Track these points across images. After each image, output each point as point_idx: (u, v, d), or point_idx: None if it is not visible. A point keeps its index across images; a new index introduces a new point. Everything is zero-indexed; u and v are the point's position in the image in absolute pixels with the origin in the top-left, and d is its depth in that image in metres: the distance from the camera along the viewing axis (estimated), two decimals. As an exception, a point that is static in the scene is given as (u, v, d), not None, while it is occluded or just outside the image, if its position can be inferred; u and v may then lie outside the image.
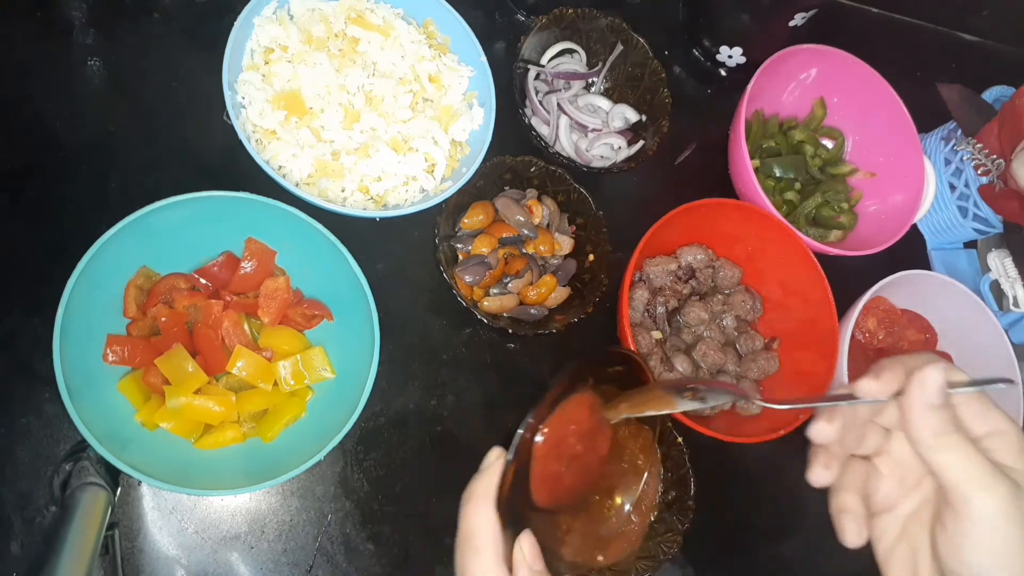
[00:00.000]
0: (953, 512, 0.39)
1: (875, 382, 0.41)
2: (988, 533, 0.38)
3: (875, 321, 0.86)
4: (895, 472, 0.44)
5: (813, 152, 0.92)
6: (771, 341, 0.83)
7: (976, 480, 0.38)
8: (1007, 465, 0.39)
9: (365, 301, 0.63)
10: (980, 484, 0.38)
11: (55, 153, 0.69)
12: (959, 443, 0.39)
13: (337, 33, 0.73)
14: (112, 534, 0.60)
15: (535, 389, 0.77)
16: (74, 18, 0.73)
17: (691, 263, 0.83)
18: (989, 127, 0.86)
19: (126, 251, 0.60)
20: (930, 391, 0.39)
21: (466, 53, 0.78)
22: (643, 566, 0.68)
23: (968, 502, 0.38)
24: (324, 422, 0.63)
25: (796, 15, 0.86)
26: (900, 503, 0.44)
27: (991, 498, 0.38)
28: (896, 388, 0.41)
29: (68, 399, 0.54)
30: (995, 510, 0.38)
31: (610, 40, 0.86)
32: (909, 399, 0.40)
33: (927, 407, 0.39)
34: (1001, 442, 0.40)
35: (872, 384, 0.41)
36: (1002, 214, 0.87)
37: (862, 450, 0.45)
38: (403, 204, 0.72)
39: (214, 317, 0.65)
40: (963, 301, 0.85)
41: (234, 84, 0.68)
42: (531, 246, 0.78)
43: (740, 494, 0.81)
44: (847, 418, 0.43)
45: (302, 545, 0.66)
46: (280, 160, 0.68)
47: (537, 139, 0.79)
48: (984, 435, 0.41)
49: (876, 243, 0.83)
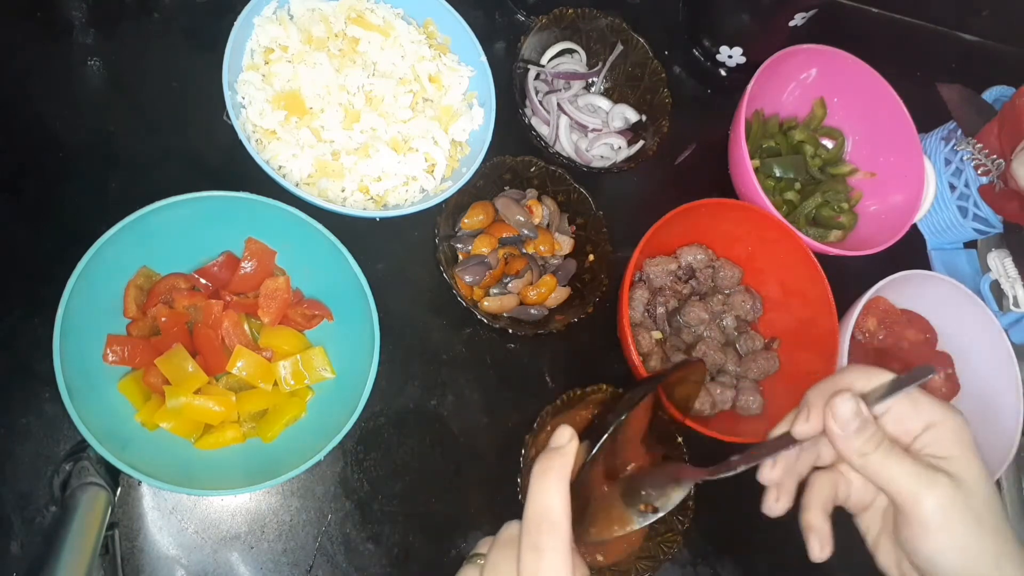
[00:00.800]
0: (903, 516, 0.42)
1: (806, 423, 0.44)
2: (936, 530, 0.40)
3: (875, 321, 0.86)
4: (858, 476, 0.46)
5: (813, 152, 0.92)
6: (771, 341, 0.83)
7: (910, 486, 0.41)
8: (946, 456, 0.42)
9: (365, 301, 0.63)
10: (915, 488, 0.40)
11: (55, 153, 0.69)
12: (885, 457, 0.41)
13: (337, 33, 0.73)
14: (112, 534, 0.60)
15: (535, 389, 0.77)
16: (74, 18, 0.73)
17: (691, 263, 0.83)
18: (989, 127, 0.86)
19: (126, 251, 0.60)
20: (842, 421, 0.42)
21: (466, 53, 0.78)
22: (643, 566, 0.68)
23: (912, 506, 0.41)
24: (324, 422, 0.63)
25: (796, 15, 0.86)
26: (874, 500, 0.47)
27: (931, 497, 0.40)
28: None
29: (68, 399, 0.54)
30: (937, 507, 0.40)
31: (610, 40, 0.86)
32: (828, 433, 0.43)
33: (845, 436, 0.42)
34: (937, 434, 0.42)
35: (804, 426, 0.44)
36: (1002, 214, 0.87)
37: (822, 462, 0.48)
38: (403, 204, 0.72)
39: (214, 317, 0.65)
40: (963, 301, 0.85)
41: (234, 84, 0.68)
42: (531, 246, 0.78)
43: (740, 494, 0.80)
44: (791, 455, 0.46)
45: (302, 545, 0.66)
46: (280, 160, 0.68)
47: (537, 139, 0.79)
48: (921, 431, 0.43)
49: (876, 243, 0.83)
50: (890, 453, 0.42)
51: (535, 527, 0.39)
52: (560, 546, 0.38)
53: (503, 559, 0.41)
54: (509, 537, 0.42)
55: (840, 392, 0.43)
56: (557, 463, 0.40)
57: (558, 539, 0.38)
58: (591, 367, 0.79)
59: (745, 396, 0.78)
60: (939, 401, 0.44)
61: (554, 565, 0.38)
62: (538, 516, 0.39)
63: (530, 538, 0.39)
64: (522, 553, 0.39)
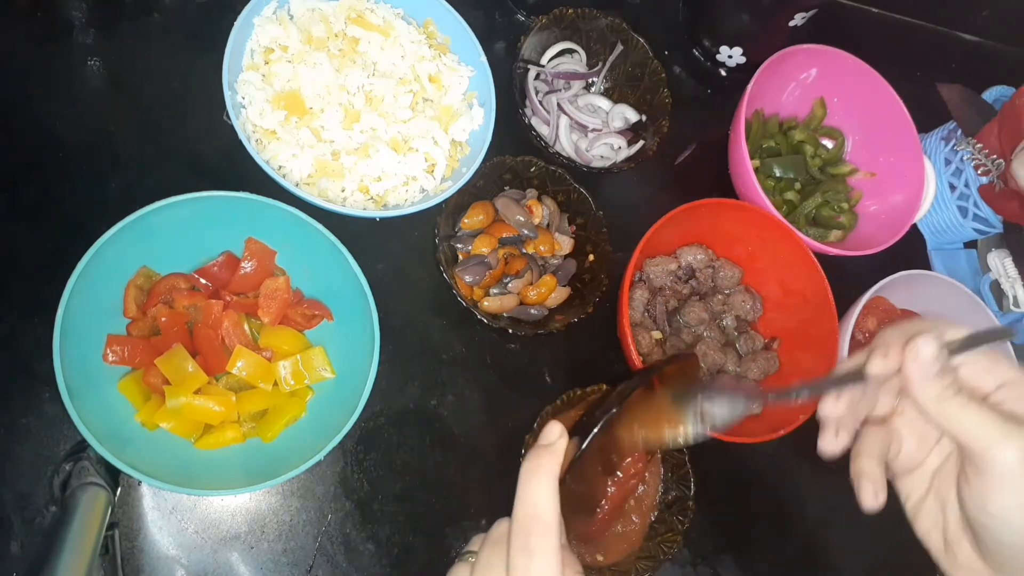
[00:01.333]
0: (975, 467, 0.39)
1: (883, 360, 0.42)
2: (1011, 483, 0.38)
3: (875, 321, 0.86)
4: (914, 431, 0.45)
5: (813, 152, 0.92)
6: (771, 341, 0.83)
7: (990, 435, 0.38)
8: (1021, 414, 0.40)
9: (365, 301, 0.63)
10: (995, 438, 0.38)
11: (55, 153, 0.69)
12: (964, 405, 0.39)
13: (337, 33, 0.73)
14: (112, 534, 0.60)
15: (535, 389, 0.77)
16: (74, 18, 0.73)
17: (691, 263, 0.83)
18: (989, 127, 0.86)
19: (126, 251, 0.60)
20: (923, 362, 0.40)
21: (466, 53, 0.78)
22: (643, 566, 0.68)
23: (987, 457, 0.38)
24: (324, 422, 0.63)
25: (796, 15, 0.86)
26: (924, 460, 0.45)
27: (1010, 449, 0.38)
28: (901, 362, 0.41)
29: (68, 399, 0.54)
30: (1017, 459, 0.38)
31: (610, 40, 0.86)
32: (906, 372, 0.40)
33: (924, 378, 0.40)
34: (1012, 392, 0.41)
35: (881, 363, 0.42)
36: (1002, 214, 0.87)
37: (877, 412, 0.45)
38: (403, 204, 0.72)
39: (214, 317, 0.65)
40: (963, 301, 0.85)
41: (234, 84, 0.68)
42: (531, 246, 0.78)
43: (740, 494, 0.81)
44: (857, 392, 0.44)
45: (302, 545, 0.66)
46: (280, 160, 0.68)
47: (537, 139, 0.79)
48: (995, 388, 0.41)
49: (876, 243, 0.83)
50: (969, 401, 0.40)
51: (524, 528, 0.38)
52: (550, 547, 0.38)
53: (494, 558, 0.41)
54: (500, 535, 0.41)
55: (924, 333, 0.41)
56: (546, 461, 0.39)
57: (547, 540, 0.38)
58: (591, 367, 0.79)
59: (745, 396, 0.78)
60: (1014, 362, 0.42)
61: (544, 566, 0.37)
62: (527, 517, 0.38)
63: (519, 539, 0.38)
64: (511, 554, 0.38)
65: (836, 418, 0.44)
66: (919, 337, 0.40)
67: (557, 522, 0.38)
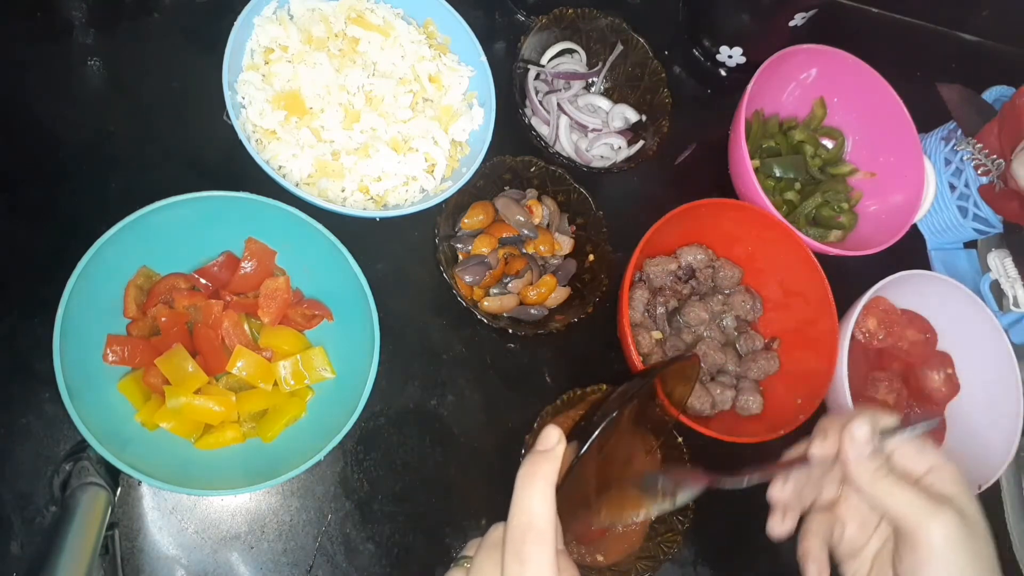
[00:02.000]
0: (908, 544, 0.43)
1: (822, 444, 0.47)
2: (941, 558, 0.42)
3: (875, 321, 0.86)
4: (855, 517, 0.49)
5: (813, 152, 0.92)
6: (771, 341, 0.83)
7: (919, 513, 0.42)
8: (949, 495, 0.44)
9: (365, 301, 0.63)
10: (925, 514, 0.42)
11: (55, 153, 0.69)
12: (895, 484, 0.44)
13: (337, 33, 0.73)
14: (112, 534, 0.60)
15: (535, 389, 0.77)
16: (74, 18, 0.73)
17: (691, 263, 0.83)
18: (989, 127, 0.86)
19: (126, 251, 0.60)
20: (859, 442, 0.45)
21: (466, 53, 0.78)
22: (643, 566, 0.68)
23: (919, 532, 0.42)
24: (324, 422, 0.63)
25: (796, 15, 0.86)
26: (865, 545, 0.49)
27: (938, 524, 0.42)
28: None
29: (68, 399, 0.54)
30: (943, 537, 0.42)
31: (610, 40, 0.86)
32: (843, 452, 0.45)
33: (860, 458, 0.45)
34: (940, 476, 0.45)
35: (820, 446, 0.47)
36: (1002, 214, 0.87)
37: (824, 498, 0.50)
38: (403, 204, 0.72)
39: (214, 317, 0.65)
40: (963, 301, 0.85)
41: (234, 84, 0.68)
42: (531, 246, 0.78)
43: (740, 494, 0.80)
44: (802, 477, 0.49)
45: (302, 545, 0.66)
46: (280, 160, 0.68)
47: (537, 139, 0.79)
48: (925, 472, 0.45)
49: (876, 243, 0.83)
50: (899, 481, 0.44)
51: (519, 535, 0.38)
52: (545, 555, 0.38)
53: (488, 563, 0.41)
54: (495, 540, 0.41)
55: (857, 417, 0.45)
56: (543, 468, 0.39)
57: (543, 547, 0.38)
58: (591, 367, 0.79)
59: (745, 396, 0.78)
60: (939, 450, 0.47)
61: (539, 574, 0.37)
62: (523, 524, 0.38)
63: (514, 546, 0.38)
64: (506, 561, 0.38)
65: (783, 502, 0.50)
66: (853, 421, 0.45)
67: (553, 530, 0.38)
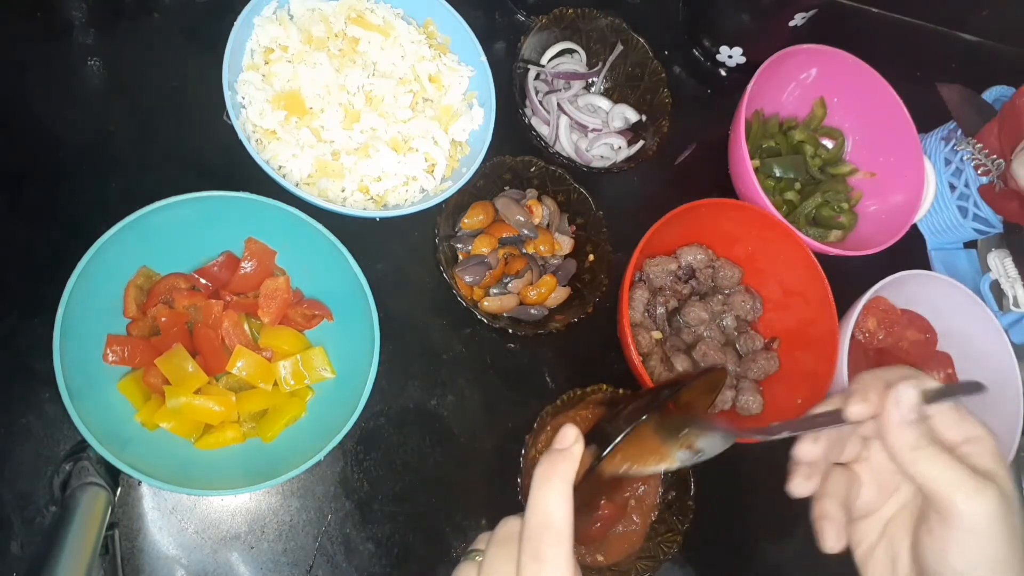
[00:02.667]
0: (941, 518, 0.40)
1: (863, 404, 0.42)
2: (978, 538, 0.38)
3: (875, 321, 0.86)
4: (874, 478, 0.45)
5: (813, 152, 0.92)
6: (771, 341, 0.83)
7: (961, 487, 0.39)
8: (986, 469, 0.40)
9: (365, 301, 0.63)
10: (966, 491, 0.39)
11: (55, 153, 0.69)
12: (938, 454, 0.40)
13: (337, 33, 0.73)
14: (112, 534, 0.60)
15: (535, 389, 0.77)
16: (74, 18, 0.73)
17: (691, 263, 0.83)
18: (989, 127, 0.86)
19: (126, 251, 0.60)
20: (904, 408, 0.40)
21: (466, 53, 0.78)
22: (643, 566, 0.68)
23: (956, 509, 0.39)
24: (324, 422, 0.63)
25: (796, 15, 0.86)
26: (880, 508, 0.46)
27: (981, 503, 0.38)
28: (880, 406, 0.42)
29: (68, 399, 0.54)
30: (985, 514, 0.38)
31: (610, 40, 0.86)
32: (886, 416, 0.41)
33: (903, 423, 0.40)
34: (977, 448, 0.41)
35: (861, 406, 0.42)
36: (1002, 214, 0.87)
37: (843, 458, 0.46)
38: (403, 204, 0.72)
39: (214, 317, 0.65)
40: (963, 301, 0.85)
41: (234, 84, 0.68)
42: (531, 246, 0.78)
43: (740, 494, 0.80)
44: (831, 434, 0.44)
45: (302, 545, 0.66)
46: (280, 160, 0.68)
47: (537, 139, 0.79)
48: (961, 442, 0.42)
49: (876, 243, 0.83)
50: (941, 451, 0.40)
51: (537, 534, 0.38)
52: (562, 555, 0.37)
53: (500, 559, 0.40)
54: (506, 535, 0.41)
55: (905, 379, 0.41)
56: (561, 467, 0.39)
57: (561, 548, 0.37)
58: (591, 367, 0.79)
59: (745, 396, 0.78)
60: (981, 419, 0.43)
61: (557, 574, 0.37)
62: (541, 524, 0.38)
63: (531, 544, 0.38)
64: (522, 560, 0.38)
65: (810, 461, 0.45)
66: (901, 384, 0.41)
67: (570, 530, 0.38)
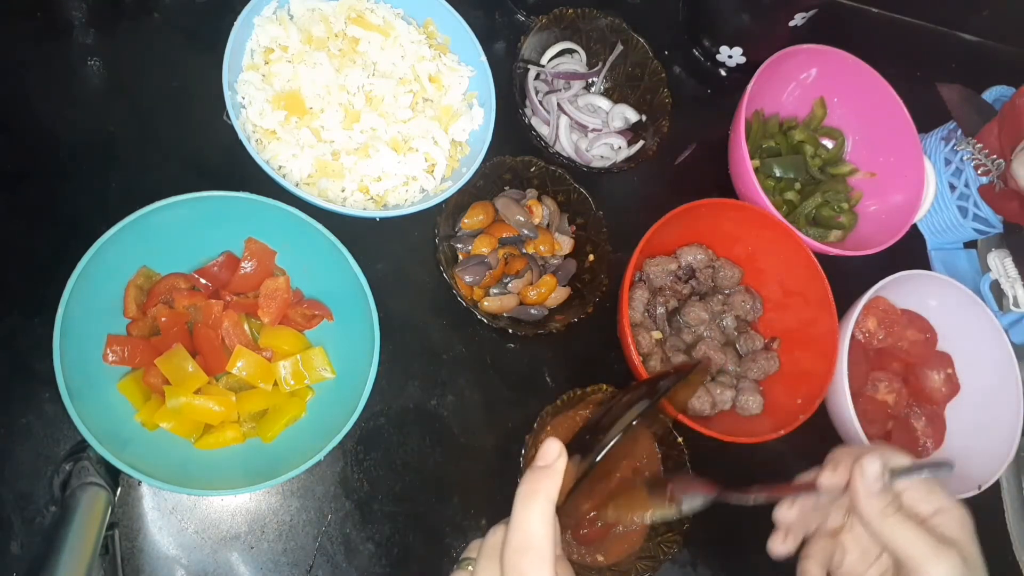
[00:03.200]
0: None
1: (832, 474, 0.48)
2: None
3: (875, 321, 0.86)
4: (858, 546, 0.50)
5: (813, 152, 0.92)
6: (771, 341, 0.83)
7: (924, 552, 0.44)
8: (953, 538, 0.45)
9: (365, 301, 0.63)
10: (930, 555, 0.44)
11: (55, 153, 0.69)
12: (902, 522, 0.45)
13: (337, 33, 0.73)
14: (112, 534, 0.60)
15: (535, 389, 0.77)
16: (74, 18, 0.73)
17: (691, 263, 0.83)
18: (989, 127, 0.86)
19: (126, 251, 0.60)
20: (869, 478, 0.46)
21: (466, 53, 0.78)
22: (643, 566, 0.68)
23: (921, 572, 0.44)
24: (324, 422, 0.63)
25: (796, 15, 0.86)
26: (864, 573, 0.50)
27: (943, 565, 0.43)
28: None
29: (68, 399, 0.54)
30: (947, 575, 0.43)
31: (610, 40, 0.86)
32: (853, 486, 0.46)
33: (869, 493, 0.46)
34: (946, 518, 0.46)
35: (830, 476, 0.48)
36: (1002, 214, 0.87)
37: (829, 525, 0.51)
38: (403, 204, 0.72)
39: (214, 317, 0.65)
40: (963, 301, 0.85)
41: (234, 84, 0.68)
42: (531, 246, 0.78)
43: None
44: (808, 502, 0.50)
45: (302, 545, 0.66)
46: (280, 160, 0.68)
47: (537, 139, 0.79)
48: (931, 514, 0.47)
49: (876, 243, 0.83)
50: (907, 519, 0.45)
51: (518, 553, 0.38)
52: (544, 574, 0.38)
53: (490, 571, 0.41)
54: (495, 545, 0.42)
55: (870, 453, 0.46)
56: (543, 484, 0.40)
57: (541, 567, 0.38)
58: (591, 367, 0.79)
59: (745, 396, 0.78)
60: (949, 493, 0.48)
61: None
62: (522, 544, 0.39)
63: (512, 562, 0.38)
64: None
65: (787, 524, 0.51)
66: (865, 457, 0.46)
67: (552, 549, 0.39)
